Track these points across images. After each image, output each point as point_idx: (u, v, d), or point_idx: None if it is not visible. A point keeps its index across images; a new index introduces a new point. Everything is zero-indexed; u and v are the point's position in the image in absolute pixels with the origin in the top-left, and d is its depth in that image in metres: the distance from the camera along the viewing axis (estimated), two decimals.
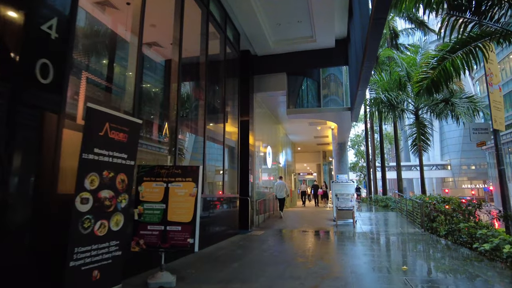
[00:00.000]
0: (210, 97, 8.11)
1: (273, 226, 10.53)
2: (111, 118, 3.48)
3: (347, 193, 10.69)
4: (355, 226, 10.17)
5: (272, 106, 13.16)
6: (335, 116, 11.37)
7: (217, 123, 8.31)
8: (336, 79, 11.34)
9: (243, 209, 9.65)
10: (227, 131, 9.26)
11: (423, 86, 9.16)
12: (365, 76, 6.22)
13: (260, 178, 11.88)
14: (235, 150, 9.34)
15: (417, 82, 9.55)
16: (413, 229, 9.59)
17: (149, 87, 6.33)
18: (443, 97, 13.77)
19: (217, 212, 7.38)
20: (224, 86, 8.66)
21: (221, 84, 8.62)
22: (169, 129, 5.76)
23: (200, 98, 7.13)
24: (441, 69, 8.72)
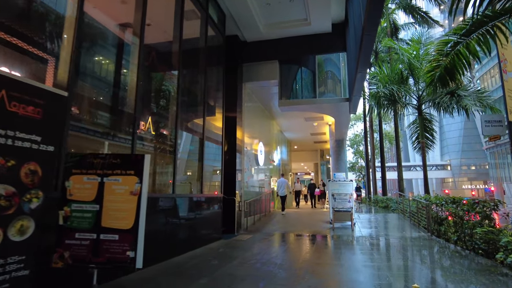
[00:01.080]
0: (186, 86, 7.11)
1: (263, 229, 9.53)
2: (9, 84, 2.48)
3: (345, 193, 9.70)
4: (354, 229, 9.18)
5: (265, 100, 12.17)
6: (332, 109, 10.38)
7: (196, 116, 7.30)
8: (333, 69, 10.36)
9: (228, 211, 8.66)
10: (213, 124, 8.28)
11: (435, 76, 8.16)
12: (365, 51, 5.25)
13: (249, 177, 10.87)
14: (220, 146, 8.33)
15: (428, 71, 8.56)
16: (417, 233, 8.60)
17: (112, 69, 5.37)
18: (447, 90, 12.80)
19: (193, 215, 6.38)
20: (205, 74, 7.65)
21: (201, 72, 7.60)
22: (127, 119, 4.77)
23: (173, 86, 6.14)
24: (455, 54, 7.73)
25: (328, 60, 10.60)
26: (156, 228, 4.95)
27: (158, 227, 5.03)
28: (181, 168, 6.38)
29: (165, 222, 5.25)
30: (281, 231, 9.24)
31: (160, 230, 5.06)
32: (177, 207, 5.70)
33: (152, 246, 4.74)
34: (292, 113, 13.72)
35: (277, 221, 11.14)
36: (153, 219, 4.91)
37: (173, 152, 5.64)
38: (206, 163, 7.55)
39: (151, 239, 4.75)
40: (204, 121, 7.05)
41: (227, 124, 9.08)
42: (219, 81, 8.61)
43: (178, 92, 5.92)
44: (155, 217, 4.97)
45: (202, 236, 6.70)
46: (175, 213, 5.59)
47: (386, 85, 13.64)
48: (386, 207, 16.64)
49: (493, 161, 46.45)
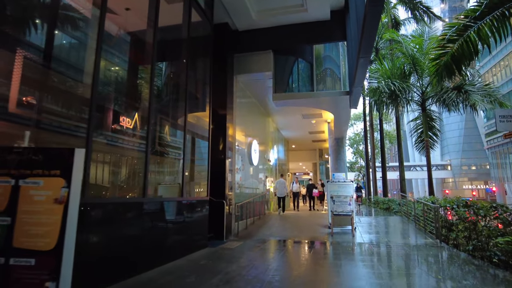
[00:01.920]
0: (165, 78, 6.32)
1: (255, 234, 8.73)
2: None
3: (344, 195, 8.91)
4: (355, 235, 8.39)
5: (260, 95, 11.38)
6: (331, 103, 9.58)
7: (176, 111, 6.48)
8: (331, 61, 9.56)
9: (217, 215, 7.86)
10: (202, 119, 7.49)
11: (440, 65, 7.37)
12: (369, 31, 4.46)
13: (242, 177, 10.08)
14: (206, 143, 7.52)
15: (433, 59, 7.77)
16: (424, 239, 7.81)
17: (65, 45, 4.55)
18: (454, 84, 12.04)
19: (171, 221, 5.57)
20: (187, 65, 6.84)
21: (182, 63, 6.78)
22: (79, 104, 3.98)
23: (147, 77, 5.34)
24: (464, 41, 6.95)
25: (327, 51, 9.80)
26: (119, 239, 4.15)
27: (123, 238, 4.23)
28: (157, 167, 5.58)
29: (133, 232, 4.45)
30: (275, 237, 8.44)
31: (124, 242, 4.26)
32: (150, 213, 4.90)
33: (114, 261, 3.94)
34: (289, 110, 12.93)
35: (271, 225, 10.34)
36: (116, 228, 4.11)
37: (145, 148, 4.84)
38: (189, 162, 6.76)
39: (111, 253, 3.96)
40: (186, 116, 6.24)
41: (216, 120, 8.29)
42: (206, 73, 7.80)
43: (151, 83, 5.11)
44: (118, 226, 4.18)
45: (183, 245, 5.89)
46: (146, 220, 4.79)
47: (387, 80, 12.85)
48: (387, 209, 15.87)
49: (495, 161, 45.76)
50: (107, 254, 3.90)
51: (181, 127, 6.17)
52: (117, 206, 4.19)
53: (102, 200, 4.08)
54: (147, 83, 5.13)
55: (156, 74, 5.75)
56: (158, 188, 5.57)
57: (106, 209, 3.95)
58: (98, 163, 4.34)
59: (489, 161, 49.59)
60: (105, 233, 3.91)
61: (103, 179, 4.53)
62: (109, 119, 4.47)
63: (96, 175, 4.13)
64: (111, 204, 4.14)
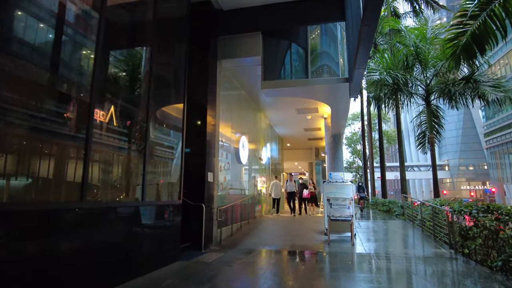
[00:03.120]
0: (113, 62, 5.19)
1: (240, 243, 7.60)
2: None
3: (343, 197, 7.81)
4: (354, 243, 7.29)
5: (249, 86, 10.26)
6: (328, 93, 8.44)
7: (137, 100, 5.32)
8: (329, 45, 8.45)
9: (194, 221, 6.74)
10: (172, 109, 6.36)
11: (458, 46, 6.27)
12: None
13: (226, 177, 8.94)
14: (180, 137, 6.37)
15: (450, 40, 6.67)
16: (436, 249, 6.73)
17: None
18: (464, 75, 11.02)
19: (127, 231, 4.43)
20: (152, 50, 5.70)
21: (142, 47, 5.61)
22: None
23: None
24: (487, 16, 5.85)
25: (323, 35, 8.69)
26: (37, 260, 3.01)
27: (44, 258, 3.09)
28: (106, 165, 4.43)
29: (62, 248, 3.31)
30: (263, 245, 7.31)
31: (47, 262, 3.11)
32: (91, 222, 3.75)
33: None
34: (282, 103, 11.83)
35: (261, 231, 9.21)
36: (35, 244, 2.97)
37: (85, 140, 3.69)
38: (157, 159, 5.61)
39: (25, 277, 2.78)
40: (149, 105, 5.07)
41: (194, 110, 7.15)
42: (180, 59, 6.64)
43: (94, 70, 3.94)
44: (38, 241, 3.03)
45: (144, 260, 4.75)
46: (85, 232, 3.64)
47: (388, 71, 11.78)
48: (388, 211, 14.81)
49: (494, 161, 44.97)
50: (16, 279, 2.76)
51: (143, 118, 5.02)
52: (33, 214, 3.04)
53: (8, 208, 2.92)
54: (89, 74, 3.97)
55: (110, 61, 4.62)
56: (110, 190, 4.42)
57: (16, 219, 2.82)
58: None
59: (488, 161, 48.81)
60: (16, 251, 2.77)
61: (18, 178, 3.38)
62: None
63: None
64: (22, 213, 2.99)
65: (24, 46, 3.35)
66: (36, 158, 3.32)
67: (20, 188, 3.12)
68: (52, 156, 3.58)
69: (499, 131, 41.61)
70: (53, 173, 3.52)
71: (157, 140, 5.59)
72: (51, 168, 3.51)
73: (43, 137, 3.41)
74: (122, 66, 5.03)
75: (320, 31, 8.50)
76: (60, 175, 3.63)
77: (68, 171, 3.72)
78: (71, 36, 4.03)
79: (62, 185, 3.64)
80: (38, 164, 3.33)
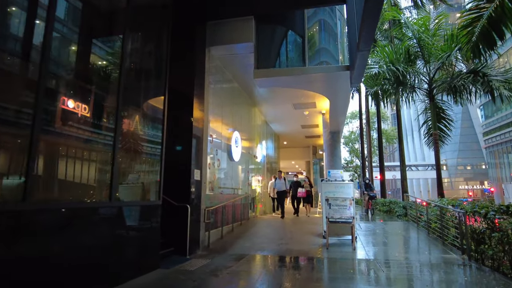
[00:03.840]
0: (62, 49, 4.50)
1: (230, 247, 6.92)
2: None
3: (343, 197, 7.15)
4: (355, 248, 6.63)
5: (242, 78, 9.55)
6: (327, 83, 7.74)
7: (108, 89, 4.62)
8: (327, 30, 7.77)
9: (178, 223, 6.06)
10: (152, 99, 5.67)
11: (474, 33, 5.63)
12: None
13: (216, 175, 8.23)
14: (161, 131, 5.67)
15: (464, 27, 6.02)
16: (446, 254, 6.09)
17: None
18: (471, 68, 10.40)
19: (92, 236, 3.73)
20: (124, 36, 5.01)
21: (119, 33, 4.93)
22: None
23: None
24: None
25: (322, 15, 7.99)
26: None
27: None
28: (64, 159, 3.74)
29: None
30: (255, 250, 6.64)
31: None
32: (37, 226, 3.05)
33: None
34: (277, 97, 11.14)
35: (254, 234, 8.52)
36: None
37: (31, 128, 3.00)
38: (132, 155, 4.92)
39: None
40: (119, 94, 4.38)
41: (179, 102, 6.49)
42: (161, 46, 5.93)
43: (44, 48, 3.25)
44: None
45: (112, 271, 4.05)
46: (31, 238, 2.95)
47: (389, 64, 11.13)
48: (389, 212, 14.19)
49: (493, 161, 44.54)
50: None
51: (113, 107, 4.31)
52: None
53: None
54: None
55: (68, 42, 3.93)
56: (72, 189, 3.72)
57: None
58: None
59: (487, 160, 48.43)
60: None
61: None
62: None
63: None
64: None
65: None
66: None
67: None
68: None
69: (498, 130, 41.18)
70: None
71: (132, 133, 4.90)
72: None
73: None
74: (84, 48, 4.32)
75: (318, 15, 7.81)
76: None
77: (10, 165, 3.03)
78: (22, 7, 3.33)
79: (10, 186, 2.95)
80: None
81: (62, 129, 3.54)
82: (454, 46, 10.03)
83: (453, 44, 9.90)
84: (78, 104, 3.71)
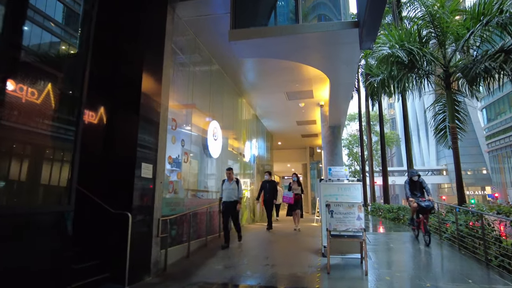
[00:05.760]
0: None
1: (196, 271, 5.02)
2: None
3: (350, 202, 5.30)
4: (367, 271, 4.75)
5: (222, 54, 7.80)
6: (327, 51, 5.73)
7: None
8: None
9: (114, 239, 4.21)
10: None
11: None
12: None
13: (180, 174, 6.33)
14: (77, 108, 3.82)
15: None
16: (506, 286, 4.22)
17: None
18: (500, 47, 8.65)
19: None
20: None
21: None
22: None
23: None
24: None
25: None
26: None
27: None
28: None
29: None
30: (228, 277, 4.74)
31: None
32: None
33: None
34: (267, 82, 9.39)
35: (232, 249, 6.60)
36: None
37: None
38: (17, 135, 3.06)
39: None
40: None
41: (120, 72, 4.70)
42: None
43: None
44: None
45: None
46: None
47: (402, 43, 9.39)
48: (396, 219, 12.35)
49: (497, 165, 43.00)
50: None
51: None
52: None
53: None
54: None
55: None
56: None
57: None
58: None
59: (490, 165, 46.88)
60: None
61: None
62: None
63: None
64: None
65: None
66: None
67: None
68: None
69: (502, 133, 39.74)
70: None
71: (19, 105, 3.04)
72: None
73: None
74: None
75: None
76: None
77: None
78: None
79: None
80: None
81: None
82: (479, 21, 8.30)
83: (481, 16, 8.17)
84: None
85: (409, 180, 7.10)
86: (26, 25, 3.18)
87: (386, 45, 9.64)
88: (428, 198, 6.72)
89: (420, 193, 6.97)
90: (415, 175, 7.01)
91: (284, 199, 9.45)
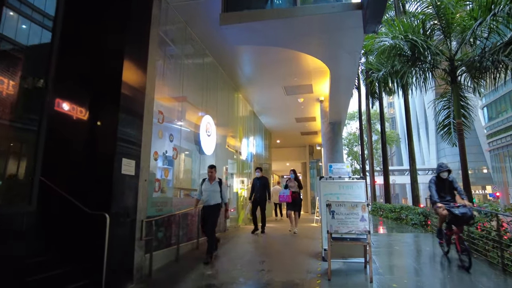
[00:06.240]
0: None
1: (184, 276, 4.58)
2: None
3: (353, 201, 4.87)
4: (372, 277, 4.30)
5: (216, 46, 7.36)
6: (327, 38, 5.31)
7: None
8: None
9: (93, 242, 3.76)
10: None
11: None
12: None
13: (168, 170, 5.87)
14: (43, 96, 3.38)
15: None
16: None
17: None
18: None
19: None
20: None
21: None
22: None
23: None
24: None
25: None
26: None
27: None
28: None
29: None
30: (218, 285, 4.30)
31: None
32: None
33: None
34: (264, 76, 8.94)
35: (225, 253, 6.14)
36: None
37: None
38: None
39: None
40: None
41: (99, 57, 4.25)
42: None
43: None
44: None
45: None
46: None
47: (405, 34, 8.95)
48: (398, 219, 11.92)
49: (498, 164, 42.54)
50: None
51: None
52: None
53: None
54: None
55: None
56: None
57: None
58: None
59: (491, 164, 46.45)
60: None
61: None
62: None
63: None
64: None
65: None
66: None
67: None
68: None
69: (504, 131, 39.27)
70: None
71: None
72: None
73: None
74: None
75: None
76: None
77: None
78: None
79: None
80: None
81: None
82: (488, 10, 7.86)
83: (490, 5, 7.74)
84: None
85: (436, 178, 5.20)
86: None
87: (388, 37, 9.20)
88: (464, 202, 4.84)
89: (450, 195, 5.07)
90: (444, 170, 5.11)
91: (281, 198, 8.66)
